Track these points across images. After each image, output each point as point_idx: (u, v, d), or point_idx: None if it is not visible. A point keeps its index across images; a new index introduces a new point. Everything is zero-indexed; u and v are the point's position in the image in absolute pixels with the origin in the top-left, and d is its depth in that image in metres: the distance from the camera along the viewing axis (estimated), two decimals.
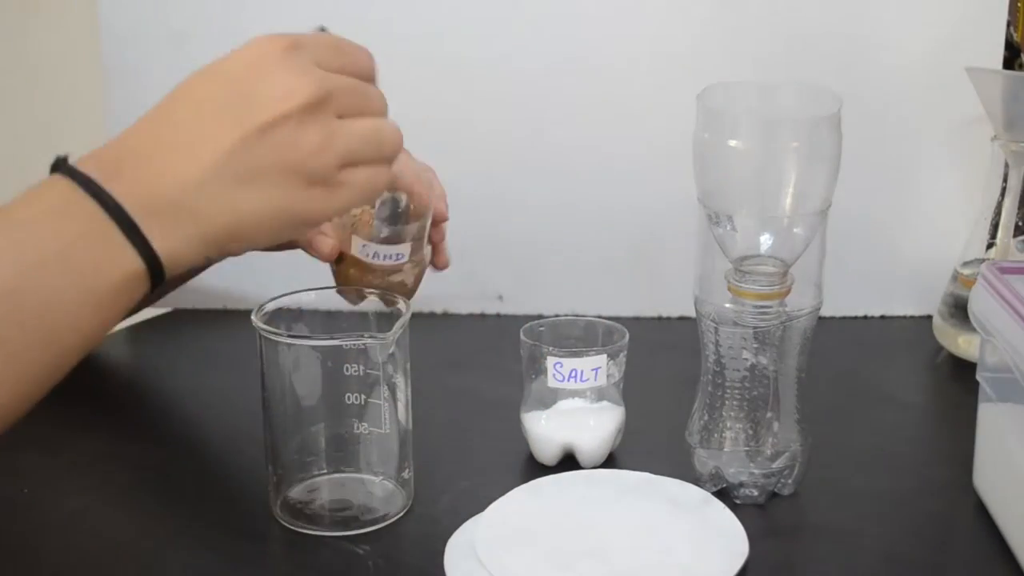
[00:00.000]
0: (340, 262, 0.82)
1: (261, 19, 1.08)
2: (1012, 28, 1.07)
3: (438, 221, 0.85)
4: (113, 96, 1.10)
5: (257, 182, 0.61)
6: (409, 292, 0.83)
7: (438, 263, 0.88)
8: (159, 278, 0.61)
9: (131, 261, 0.60)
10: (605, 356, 0.82)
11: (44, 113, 1.16)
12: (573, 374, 0.82)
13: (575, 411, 0.83)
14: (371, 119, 0.65)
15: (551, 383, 0.82)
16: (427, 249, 0.84)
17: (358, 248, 0.80)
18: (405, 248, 0.81)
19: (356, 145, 0.63)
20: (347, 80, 0.64)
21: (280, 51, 0.62)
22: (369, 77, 0.66)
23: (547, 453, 0.83)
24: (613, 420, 0.83)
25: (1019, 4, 1.06)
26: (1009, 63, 1.07)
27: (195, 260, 0.62)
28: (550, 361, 0.82)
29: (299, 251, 0.85)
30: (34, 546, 0.75)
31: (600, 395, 0.83)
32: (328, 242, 0.80)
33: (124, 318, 0.64)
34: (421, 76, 1.07)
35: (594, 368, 0.82)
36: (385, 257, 0.81)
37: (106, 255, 0.60)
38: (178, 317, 1.11)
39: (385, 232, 0.81)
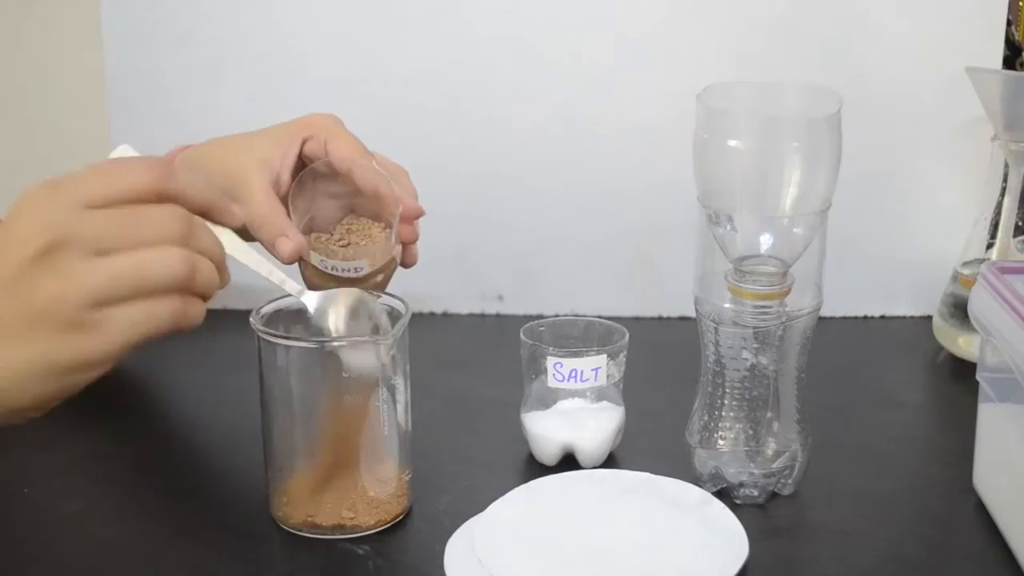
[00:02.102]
0: (303, 265, 0.81)
1: (261, 19, 1.08)
2: (1013, 28, 1.07)
3: (408, 218, 0.81)
4: (115, 96, 1.10)
5: (7, 337, 0.58)
6: (379, 289, 0.82)
7: (406, 261, 0.84)
8: None
9: None
10: (605, 356, 0.82)
11: (44, 113, 1.16)
12: (573, 374, 0.82)
13: (575, 411, 0.83)
14: (132, 253, 0.58)
15: (551, 383, 0.82)
16: (397, 248, 0.81)
17: (317, 261, 0.79)
18: (364, 262, 0.80)
19: (105, 284, 0.58)
20: (101, 216, 0.58)
21: (32, 196, 0.58)
22: (149, 198, 0.59)
23: (547, 453, 0.83)
24: (613, 420, 0.83)
25: (1020, 4, 1.06)
26: (1009, 63, 1.07)
27: None
28: (550, 361, 0.82)
29: None
30: (34, 546, 0.75)
31: (600, 395, 0.83)
32: (288, 244, 0.78)
33: None
34: (420, 77, 1.07)
35: (594, 368, 0.82)
36: (344, 271, 0.80)
37: None
38: None
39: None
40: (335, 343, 0.73)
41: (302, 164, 0.83)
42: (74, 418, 0.91)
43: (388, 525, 0.76)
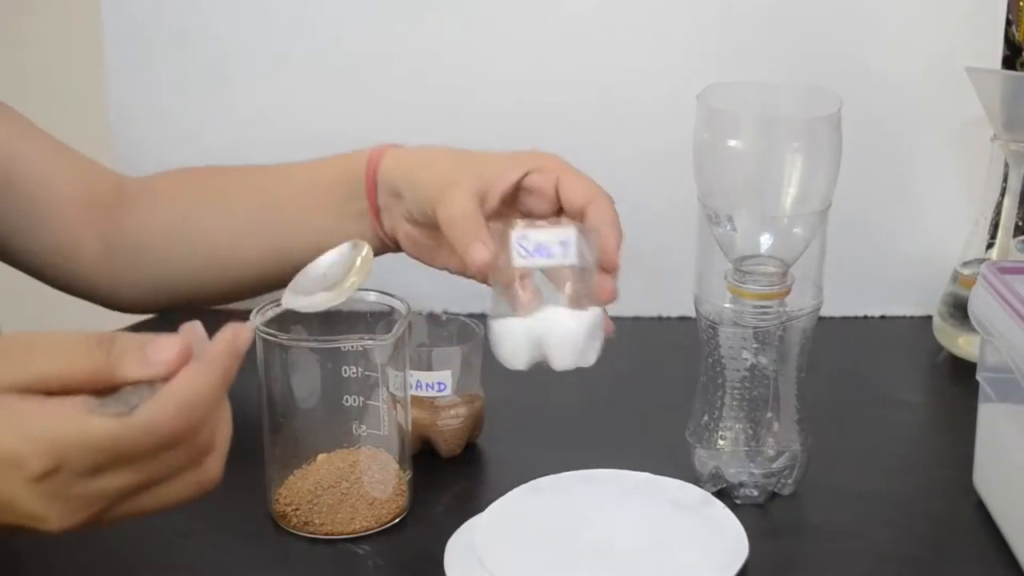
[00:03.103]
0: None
1: (261, 19, 1.08)
2: (1014, 27, 1.07)
3: (609, 268, 0.74)
4: (115, 97, 1.10)
5: None
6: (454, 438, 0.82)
7: (603, 296, 0.75)
8: None
9: None
10: (574, 229, 0.72)
11: (45, 113, 1.16)
12: (539, 250, 0.72)
13: (547, 312, 0.73)
14: (155, 492, 0.56)
15: (516, 262, 0.72)
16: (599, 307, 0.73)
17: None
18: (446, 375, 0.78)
19: (136, 514, 0.57)
20: (117, 482, 0.55)
21: (33, 477, 0.53)
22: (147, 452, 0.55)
23: (518, 354, 0.74)
24: (588, 319, 0.74)
25: (1020, 4, 1.06)
26: (1010, 63, 1.07)
27: None
28: (514, 237, 0.72)
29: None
30: (34, 546, 0.75)
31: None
32: (483, 251, 0.72)
33: None
34: (420, 77, 1.07)
35: (561, 241, 0.72)
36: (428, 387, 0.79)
37: None
38: (178, 317, 1.11)
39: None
40: (335, 344, 0.73)
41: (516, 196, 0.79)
42: None
43: (388, 525, 0.76)
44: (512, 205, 0.80)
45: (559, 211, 0.79)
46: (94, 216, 0.92)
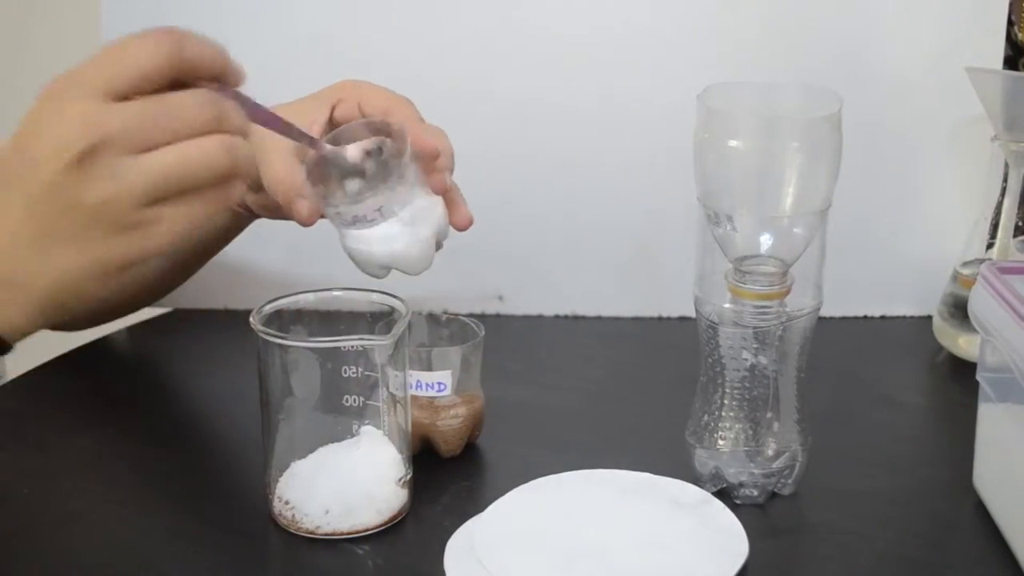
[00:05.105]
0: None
1: (260, 19, 1.08)
2: (1016, 28, 1.07)
3: (427, 156, 0.76)
4: None
5: (58, 242, 0.59)
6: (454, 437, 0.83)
7: (456, 221, 0.79)
8: (4, 349, 0.62)
9: None
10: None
11: None
12: (356, 222, 0.74)
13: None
14: (174, 148, 0.59)
15: (345, 240, 0.75)
16: (436, 208, 0.77)
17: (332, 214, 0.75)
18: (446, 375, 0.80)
19: (154, 182, 0.59)
20: (135, 110, 0.59)
21: (54, 94, 0.59)
22: (171, 74, 0.60)
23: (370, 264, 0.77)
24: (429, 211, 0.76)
25: (1022, 4, 1.06)
26: (1011, 63, 1.07)
27: (36, 325, 0.62)
28: (329, 214, 0.75)
29: (299, 253, 0.85)
30: (34, 546, 0.75)
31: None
32: (305, 204, 0.76)
33: None
34: (420, 77, 1.07)
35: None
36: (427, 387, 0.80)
37: None
38: (178, 317, 1.11)
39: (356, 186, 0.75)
40: (335, 344, 0.73)
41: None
42: (74, 418, 0.91)
43: (388, 525, 0.76)
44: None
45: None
46: None
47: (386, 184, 0.73)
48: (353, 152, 0.77)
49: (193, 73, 0.61)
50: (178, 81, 0.61)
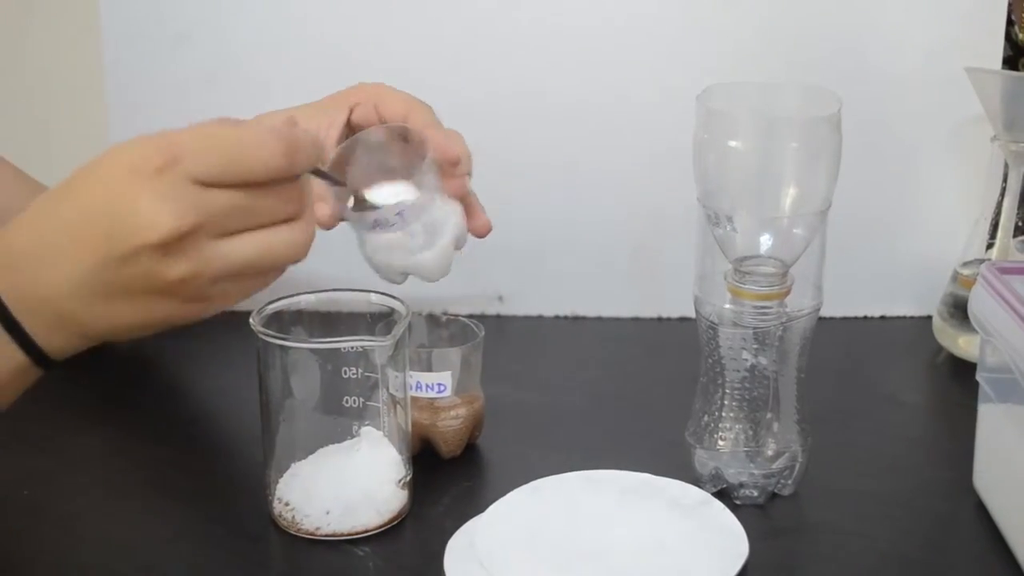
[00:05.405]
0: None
1: (260, 20, 1.08)
2: (1016, 28, 1.07)
3: (448, 162, 0.76)
4: (114, 96, 1.10)
5: (124, 300, 0.60)
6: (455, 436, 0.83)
7: (475, 228, 0.80)
8: (48, 365, 0.63)
9: (15, 354, 0.62)
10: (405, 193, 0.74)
11: (44, 113, 1.16)
12: (377, 223, 0.75)
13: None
14: (258, 235, 0.61)
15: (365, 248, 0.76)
16: (455, 214, 0.77)
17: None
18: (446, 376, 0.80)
19: (234, 267, 0.61)
20: (227, 199, 0.59)
21: (152, 171, 0.58)
22: (268, 180, 0.61)
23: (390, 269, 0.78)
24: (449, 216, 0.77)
25: (1022, 3, 1.06)
26: (1011, 63, 1.07)
27: (79, 349, 0.64)
28: (351, 218, 0.75)
29: None
30: (34, 546, 0.75)
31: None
32: (324, 208, 0.75)
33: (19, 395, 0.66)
34: (420, 77, 1.07)
35: (397, 212, 0.74)
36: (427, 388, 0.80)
37: None
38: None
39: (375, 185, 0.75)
40: (335, 345, 0.73)
41: (352, 134, 0.81)
42: (74, 418, 0.91)
43: (388, 525, 0.76)
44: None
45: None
46: None
47: (408, 184, 0.74)
48: (378, 134, 0.77)
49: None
50: None
